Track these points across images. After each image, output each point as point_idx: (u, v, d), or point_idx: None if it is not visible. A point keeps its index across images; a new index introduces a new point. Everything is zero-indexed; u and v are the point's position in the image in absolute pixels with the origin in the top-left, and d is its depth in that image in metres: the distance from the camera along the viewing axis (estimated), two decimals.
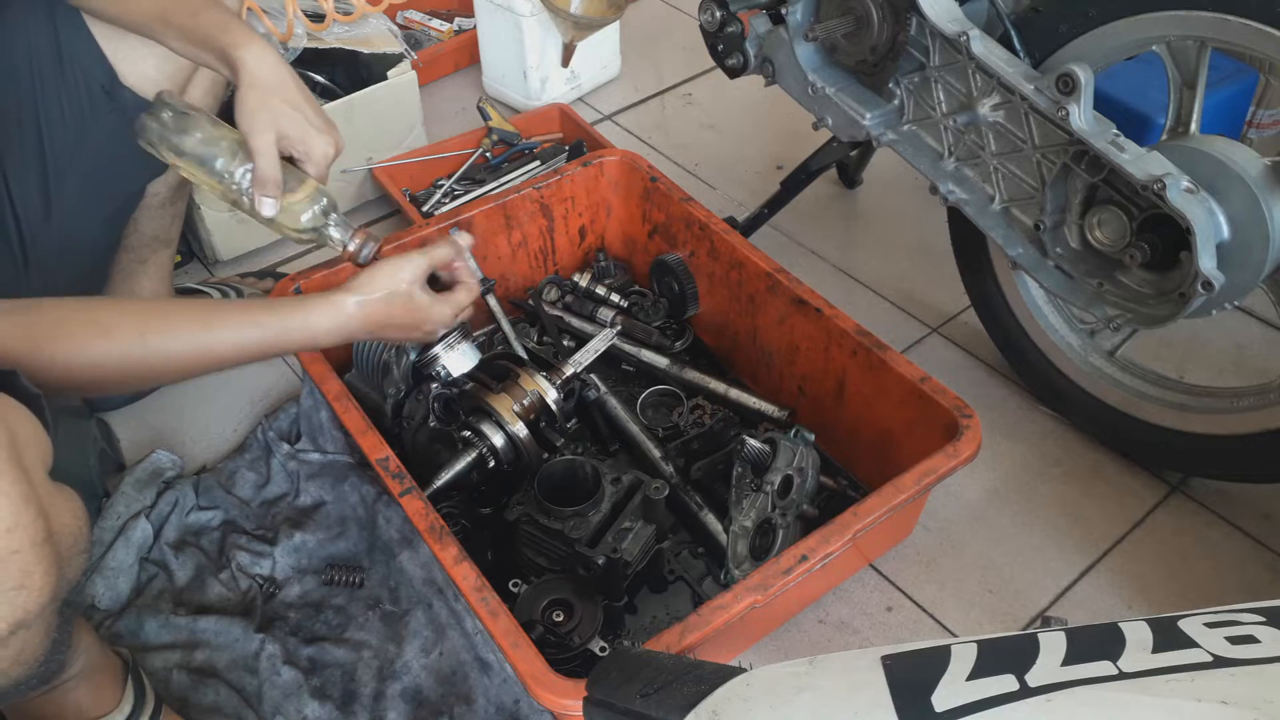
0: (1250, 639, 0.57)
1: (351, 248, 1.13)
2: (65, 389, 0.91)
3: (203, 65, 1.11)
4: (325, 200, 1.11)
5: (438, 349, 1.26)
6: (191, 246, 1.71)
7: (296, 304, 1.05)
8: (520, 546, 1.21)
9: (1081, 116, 1.15)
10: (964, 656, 0.60)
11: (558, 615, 1.13)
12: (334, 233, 1.13)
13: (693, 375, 1.46)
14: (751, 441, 1.22)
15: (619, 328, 1.49)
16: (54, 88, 1.15)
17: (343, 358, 1.38)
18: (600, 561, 1.14)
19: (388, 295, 1.07)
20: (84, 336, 0.92)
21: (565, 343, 1.52)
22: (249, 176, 1.08)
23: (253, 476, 1.36)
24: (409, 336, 1.15)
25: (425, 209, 1.76)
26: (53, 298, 0.94)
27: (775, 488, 1.19)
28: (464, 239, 1.18)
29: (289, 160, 1.09)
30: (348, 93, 1.72)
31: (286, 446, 1.37)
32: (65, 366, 0.89)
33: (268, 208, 1.07)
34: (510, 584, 1.17)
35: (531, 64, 1.99)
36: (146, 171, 1.28)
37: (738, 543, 1.15)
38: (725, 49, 1.47)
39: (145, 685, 1.05)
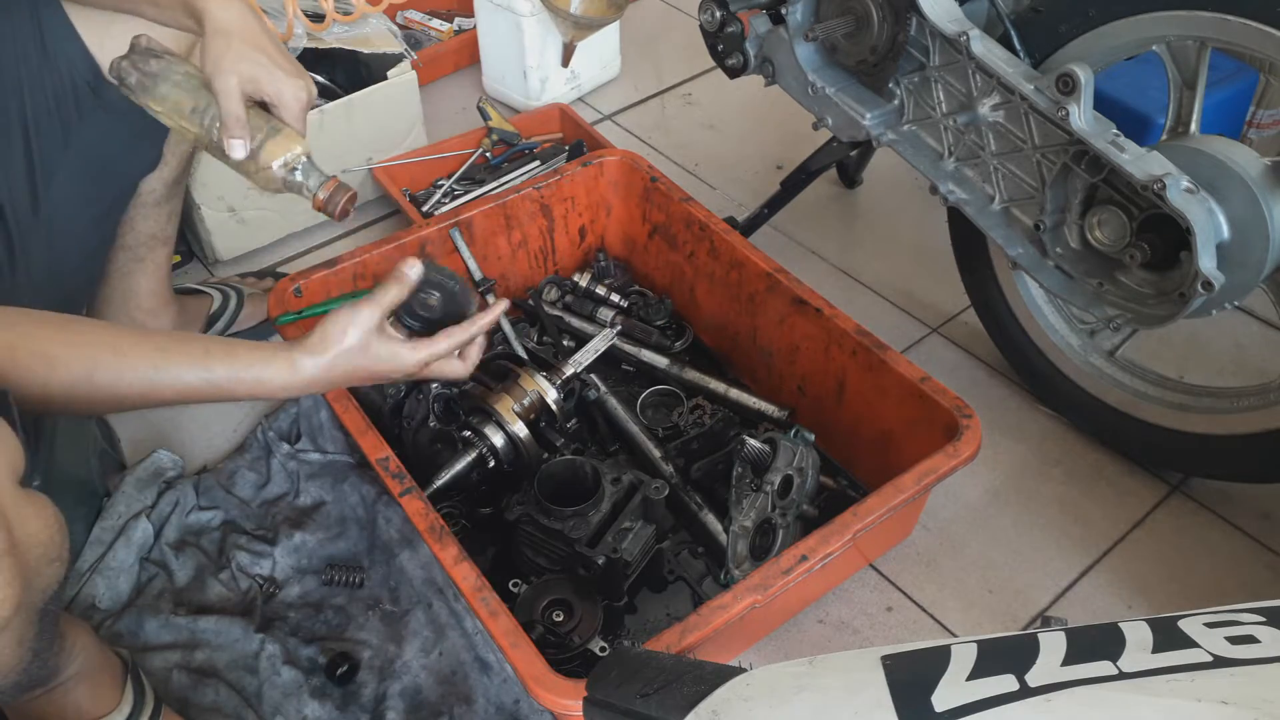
0: (1250, 639, 0.57)
1: (322, 196, 1.08)
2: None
3: (176, 28, 1.11)
4: (299, 148, 1.08)
5: None
6: (191, 246, 1.71)
7: (254, 356, 1.00)
8: (520, 546, 1.21)
9: (1081, 116, 1.15)
10: (964, 656, 0.60)
11: (558, 615, 1.13)
12: (302, 178, 1.08)
13: (693, 375, 1.46)
14: (751, 441, 1.22)
15: (619, 328, 1.49)
16: (38, 83, 1.15)
17: None
18: (600, 561, 1.14)
19: (340, 353, 1.01)
20: (29, 369, 0.89)
21: (565, 343, 1.52)
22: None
23: (253, 476, 1.36)
24: (379, 382, 1.09)
25: (425, 209, 1.76)
26: (14, 314, 0.92)
27: (775, 488, 1.19)
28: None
29: (262, 106, 1.08)
30: (348, 93, 1.72)
31: (286, 446, 1.37)
32: (14, 390, 0.87)
33: (236, 150, 1.05)
34: (510, 584, 1.17)
35: (531, 64, 1.99)
36: (137, 169, 1.28)
37: (738, 543, 1.15)
38: (725, 49, 1.47)
39: (145, 686, 1.05)
